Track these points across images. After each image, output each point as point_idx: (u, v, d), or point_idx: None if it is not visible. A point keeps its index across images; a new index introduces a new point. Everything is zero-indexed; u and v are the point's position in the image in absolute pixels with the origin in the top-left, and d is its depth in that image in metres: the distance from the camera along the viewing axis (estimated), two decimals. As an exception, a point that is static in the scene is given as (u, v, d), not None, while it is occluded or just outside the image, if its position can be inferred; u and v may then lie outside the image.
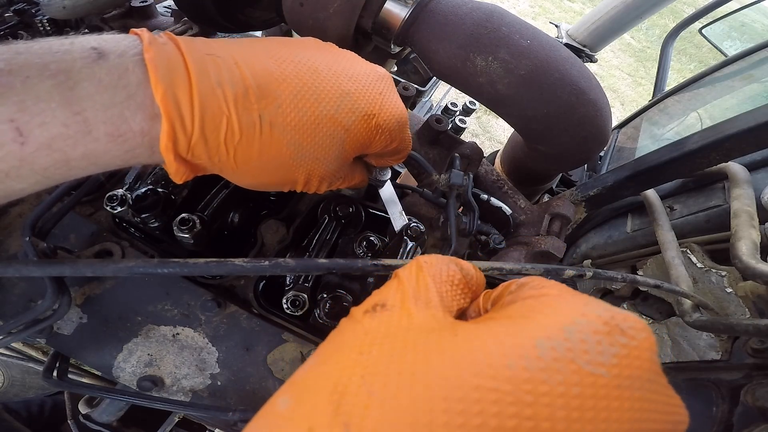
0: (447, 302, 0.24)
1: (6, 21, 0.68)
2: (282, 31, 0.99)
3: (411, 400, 0.16)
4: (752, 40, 1.39)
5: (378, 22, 0.51)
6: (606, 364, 0.18)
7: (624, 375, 0.18)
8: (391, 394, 0.17)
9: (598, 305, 0.21)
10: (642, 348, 0.19)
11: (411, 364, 0.18)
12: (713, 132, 0.55)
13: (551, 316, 0.20)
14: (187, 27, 0.73)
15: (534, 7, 4.45)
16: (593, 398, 0.17)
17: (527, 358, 0.18)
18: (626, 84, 3.95)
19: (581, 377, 0.18)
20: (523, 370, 0.17)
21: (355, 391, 0.17)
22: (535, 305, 0.21)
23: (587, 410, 0.17)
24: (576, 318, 0.20)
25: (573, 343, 0.19)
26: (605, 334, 0.19)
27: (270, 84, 0.29)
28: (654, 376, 0.20)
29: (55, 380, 0.43)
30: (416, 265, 0.25)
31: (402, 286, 0.23)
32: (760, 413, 0.53)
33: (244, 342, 0.43)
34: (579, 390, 0.17)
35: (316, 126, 0.31)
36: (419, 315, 0.21)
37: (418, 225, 0.45)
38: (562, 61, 0.50)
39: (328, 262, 0.31)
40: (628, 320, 0.20)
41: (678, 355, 0.67)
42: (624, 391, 0.18)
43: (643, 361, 0.19)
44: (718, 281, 0.63)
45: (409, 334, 0.20)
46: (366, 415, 0.16)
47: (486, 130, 2.86)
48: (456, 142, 0.62)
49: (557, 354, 0.18)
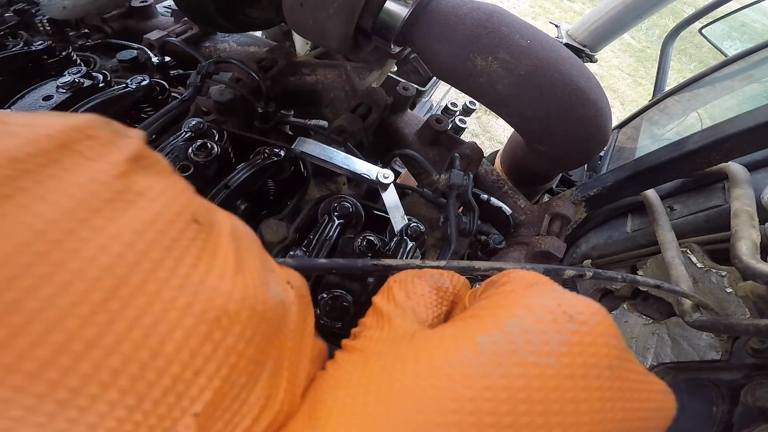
0: (420, 314, 0.24)
1: (6, 21, 0.68)
2: (282, 31, 0.99)
3: (366, 401, 0.18)
4: (752, 40, 1.39)
5: (378, 22, 0.51)
6: (553, 354, 0.17)
7: (576, 363, 0.17)
8: (351, 396, 0.18)
9: (548, 294, 0.20)
10: (595, 333, 0.18)
11: (371, 369, 0.19)
12: (713, 132, 0.55)
13: (495, 312, 0.20)
14: (187, 27, 0.73)
15: (534, 7, 4.45)
16: (541, 390, 0.17)
17: (466, 354, 0.18)
18: (626, 84, 3.95)
19: (525, 369, 0.17)
20: (462, 367, 0.17)
21: (324, 398, 0.19)
22: (486, 303, 0.21)
23: (535, 403, 0.16)
24: (517, 311, 0.19)
25: (514, 336, 0.18)
26: (550, 323, 0.18)
27: None
28: (616, 362, 0.18)
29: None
30: (387, 287, 0.26)
31: (376, 310, 0.25)
32: (760, 413, 0.53)
33: (244, 342, 0.43)
34: (524, 382, 0.17)
35: None
36: (389, 330, 0.22)
37: (418, 225, 0.45)
38: (562, 61, 0.50)
39: (327, 262, 0.31)
40: (577, 306, 0.19)
41: (678, 355, 0.67)
42: (578, 380, 0.17)
43: (599, 347, 0.18)
44: (718, 281, 0.63)
45: (376, 345, 0.21)
46: (329, 416, 0.18)
47: (486, 130, 2.86)
48: (456, 142, 0.62)
49: (497, 348, 0.18)
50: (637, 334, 0.76)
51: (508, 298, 0.21)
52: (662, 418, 0.20)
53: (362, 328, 0.24)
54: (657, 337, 0.72)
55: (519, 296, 0.21)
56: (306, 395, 0.21)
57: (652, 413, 0.19)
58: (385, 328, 0.22)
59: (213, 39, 0.75)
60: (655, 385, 0.20)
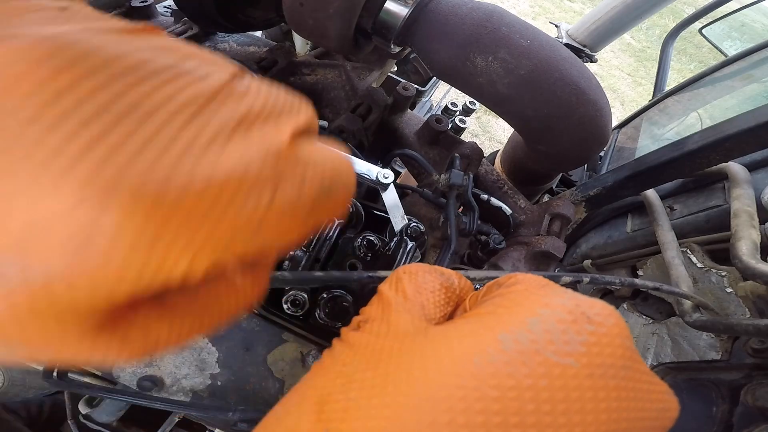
0: (428, 310, 0.24)
1: (6, 21, 0.68)
2: (282, 31, 0.99)
3: (383, 402, 0.17)
4: (752, 40, 1.39)
5: (378, 22, 0.51)
6: (574, 354, 0.18)
7: (595, 363, 0.18)
8: (366, 397, 0.18)
9: (564, 295, 0.20)
10: (612, 334, 0.19)
11: (385, 368, 0.19)
12: (713, 132, 0.55)
13: (514, 310, 0.20)
14: (187, 27, 0.73)
15: (534, 7, 4.45)
16: (563, 389, 0.17)
17: (490, 352, 0.17)
18: (626, 84, 3.95)
19: (548, 368, 0.17)
20: (487, 365, 0.17)
21: (335, 398, 0.18)
22: (501, 301, 0.21)
23: (558, 402, 0.17)
24: (539, 309, 0.19)
25: (537, 335, 0.18)
26: (570, 323, 0.18)
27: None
28: (629, 363, 0.19)
29: (55, 380, 0.43)
30: (396, 278, 0.25)
31: (383, 300, 0.24)
32: (760, 413, 0.53)
33: (244, 342, 0.43)
34: (547, 382, 0.17)
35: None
36: (398, 324, 0.22)
37: (418, 225, 0.45)
38: (562, 61, 0.50)
39: (324, 275, 0.32)
40: (594, 307, 0.19)
41: (678, 355, 0.67)
42: (597, 380, 0.17)
43: (615, 348, 0.18)
44: (718, 281, 0.63)
45: (386, 341, 0.21)
46: (344, 419, 0.17)
47: (486, 130, 2.86)
48: (456, 142, 0.62)
49: (521, 346, 0.18)
50: (637, 334, 0.76)
51: (527, 297, 0.21)
52: (667, 419, 0.20)
53: (366, 317, 0.24)
54: (657, 337, 0.72)
55: (535, 295, 0.21)
56: (304, 391, 0.20)
57: (660, 413, 0.19)
58: (393, 322, 0.22)
59: (213, 39, 0.75)
60: (660, 386, 0.20)
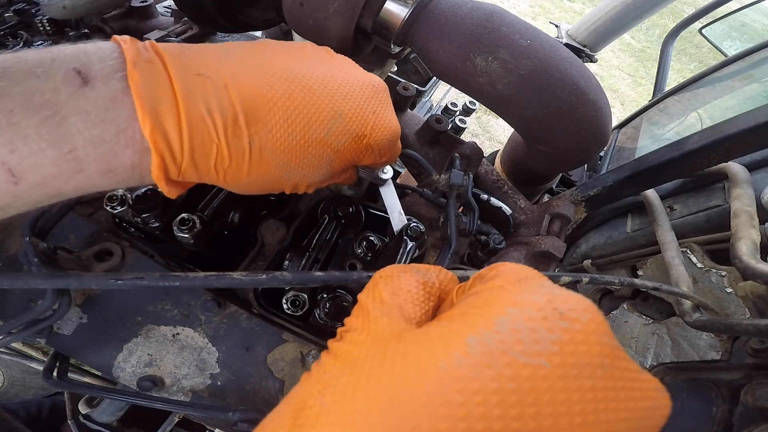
0: (407, 311, 0.24)
1: (6, 21, 0.68)
2: (282, 31, 0.99)
3: (353, 408, 0.18)
4: (752, 40, 1.39)
5: (378, 22, 0.51)
6: (545, 353, 0.17)
7: (569, 363, 0.17)
8: (338, 402, 0.18)
9: (539, 290, 0.19)
10: (587, 331, 0.18)
11: (358, 374, 0.19)
12: (713, 132, 0.55)
13: (484, 310, 0.19)
14: (187, 27, 0.73)
15: (534, 7, 4.45)
16: (533, 392, 0.16)
17: (456, 356, 0.17)
18: (626, 84, 3.95)
19: (516, 370, 0.16)
20: (451, 369, 0.17)
21: (311, 404, 0.19)
22: (474, 300, 0.21)
23: (527, 406, 0.16)
24: (507, 308, 0.18)
25: (504, 335, 0.17)
26: (541, 321, 0.17)
27: (260, 108, 0.28)
28: (608, 360, 0.18)
29: (55, 380, 0.43)
30: (372, 284, 0.26)
31: (362, 309, 0.24)
32: (760, 413, 0.53)
33: (244, 342, 0.43)
34: (515, 384, 0.16)
35: (305, 149, 0.31)
36: (376, 331, 0.22)
37: (418, 225, 0.45)
38: (562, 61, 0.50)
39: (324, 275, 0.32)
40: (568, 302, 0.18)
41: (678, 355, 0.67)
42: (570, 381, 0.16)
43: (591, 345, 0.17)
44: (718, 281, 0.63)
45: (363, 348, 0.21)
46: (315, 424, 0.18)
47: (486, 130, 2.86)
48: (456, 142, 0.62)
49: (487, 348, 0.17)
50: (637, 334, 0.76)
51: (497, 295, 0.20)
52: (657, 417, 0.19)
53: (348, 328, 0.24)
54: (657, 337, 0.72)
55: (508, 292, 0.20)
56: (289, 398, 0.21)
57: (647, 412, 0.19)
58: (371, 329, 0.22)
59: (213, 39, 0.75)
60: (648, 383, 0.19)
